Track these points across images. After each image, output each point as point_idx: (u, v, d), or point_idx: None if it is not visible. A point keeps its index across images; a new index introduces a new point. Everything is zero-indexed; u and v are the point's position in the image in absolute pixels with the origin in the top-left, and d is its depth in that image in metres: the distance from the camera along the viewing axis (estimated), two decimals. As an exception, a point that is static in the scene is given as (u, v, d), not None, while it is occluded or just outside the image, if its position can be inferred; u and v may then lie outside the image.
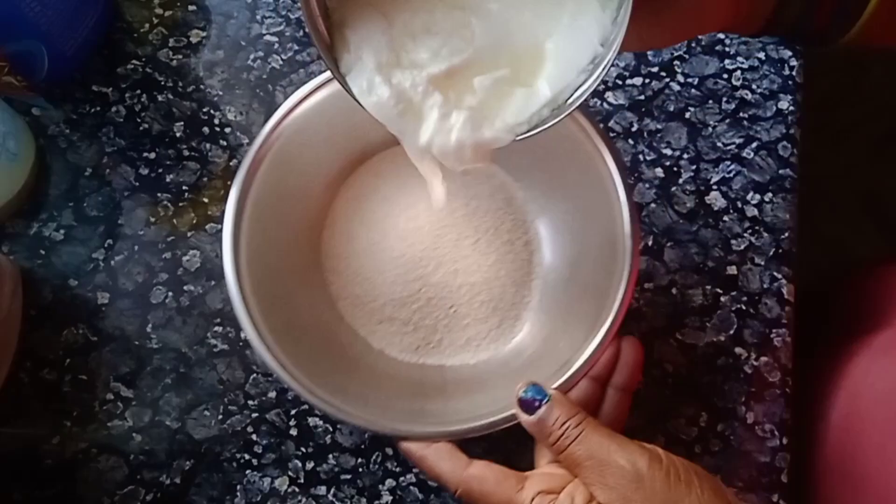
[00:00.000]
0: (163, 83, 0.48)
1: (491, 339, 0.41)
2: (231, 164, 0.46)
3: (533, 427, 0.33)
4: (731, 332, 0.43)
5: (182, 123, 0.47)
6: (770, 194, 0.45)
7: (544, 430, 0.32)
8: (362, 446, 0.42)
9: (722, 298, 0.44)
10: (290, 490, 0.42)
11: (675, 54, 0.47)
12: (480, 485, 0.32)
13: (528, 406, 0.33)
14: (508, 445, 0.42)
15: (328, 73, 0.37)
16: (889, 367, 0.41)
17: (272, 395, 0.43)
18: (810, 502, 0.43)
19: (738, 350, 0.43)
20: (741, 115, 0.46)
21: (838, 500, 0.42)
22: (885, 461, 0.39)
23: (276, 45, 0.48)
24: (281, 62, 0.48)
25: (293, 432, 0.43)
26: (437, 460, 0.34)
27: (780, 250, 0.44)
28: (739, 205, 0.45)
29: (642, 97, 0.46)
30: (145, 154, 0.46)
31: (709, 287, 0.44)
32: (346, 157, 0.42)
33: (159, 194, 0.46)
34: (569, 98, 0.29)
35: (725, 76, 0.47)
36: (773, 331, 0.43)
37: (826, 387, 0.44)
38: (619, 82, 0.47)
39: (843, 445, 0.42)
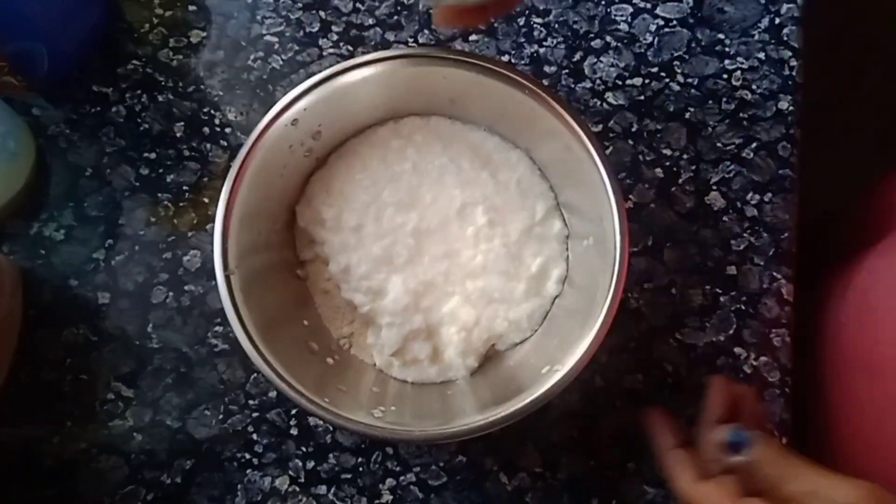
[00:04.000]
0: (163, 83, 0.48)
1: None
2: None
3: (743, 466, 0.33)
4: (731, 332, 0.43)
5: (182, 123, 0.47)
6: (770, 194, 0.45)
7: (753, 468, 0.32)
8: (363, 446, 0.42)
9: (721, 298, 0.44)
10: (290, 489, 0.42)
11: (675, 55, 0.47)
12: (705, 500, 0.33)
13: (734, 448, 0.33)
14: (508, 444, 0.42)
15: (323, 73, 0.37)
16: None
17: (272, 394, 0.43)
18: (824, 403, 0.43)
19: (737, 350, 0.43)
20: (741, 115, 0.46)
21: (855, 389, 0.42)
22: None
23: (277, 46, 0.48)
24: (281, 62, 0.48)
25: (294, 432, 0.43)
26: (674, 465, 0.36)
27: (780, 250, 0.44)
28: (739, 205, 0.45)
29: (642, 97, 0.46)
30: (146, 154, 0.46)
31: (708, 287, 0.44)
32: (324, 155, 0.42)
33: (160, 194, 0.46)
34: None
35: (725, 76, 0.47)
36: (773, 331, 0.43)
37: (836, 294, 0.44)
38: (619, 83, 0.47)
39: (858, 340, 0.42)
